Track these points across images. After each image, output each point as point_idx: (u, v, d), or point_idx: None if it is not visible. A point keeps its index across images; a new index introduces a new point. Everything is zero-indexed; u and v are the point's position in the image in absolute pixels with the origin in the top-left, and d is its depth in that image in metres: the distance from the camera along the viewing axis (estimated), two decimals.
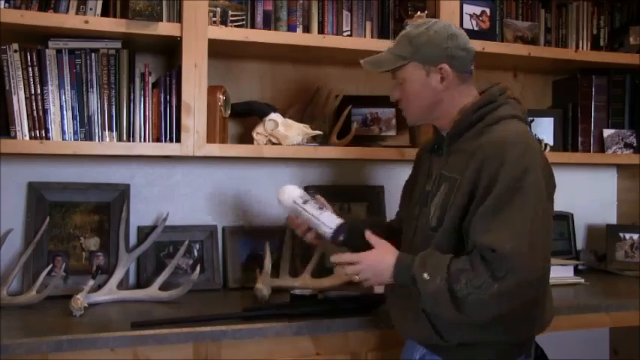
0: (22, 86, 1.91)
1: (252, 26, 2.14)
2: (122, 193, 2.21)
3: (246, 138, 2.27)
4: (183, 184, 2.32)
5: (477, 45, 2.31)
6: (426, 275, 1.49)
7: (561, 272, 2.39)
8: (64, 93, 1.95)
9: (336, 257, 1.67)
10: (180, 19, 2.00)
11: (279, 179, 2.41)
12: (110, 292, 2.02)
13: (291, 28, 2.18)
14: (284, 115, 2.20)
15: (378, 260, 1.61)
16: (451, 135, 1.64)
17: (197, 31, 1.99)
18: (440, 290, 1.48)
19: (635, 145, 2.61)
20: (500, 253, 1.44)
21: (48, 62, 1.93)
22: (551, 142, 2.57)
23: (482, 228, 1.49)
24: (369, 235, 1.65)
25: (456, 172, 1.59)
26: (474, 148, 1.56)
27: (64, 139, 1.94)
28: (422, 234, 1.64)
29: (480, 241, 1.48)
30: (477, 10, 2.38)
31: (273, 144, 2.13)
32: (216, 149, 2.04)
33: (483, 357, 1.60)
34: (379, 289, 1.86)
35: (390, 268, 1.58)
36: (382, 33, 2.27)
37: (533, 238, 1.47)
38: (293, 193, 1.78)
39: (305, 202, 1.76)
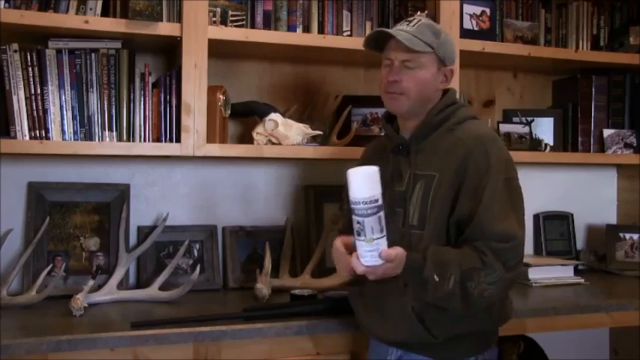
0: (22, 86, 1.91)
1: (252, 26, 2.14)
2: (122, 193, 2.21)
3: (246, 138, 2.26)
4: (183, 184, 2.32)
5: (477, 45, 2.34)
6: (437, 277, 1.48)
7: (561, 272, 2.39)
8: (64, 93, 1.95)
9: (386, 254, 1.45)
10: (180, 19, 2.00)
11: (279, 179, 2.41)
12: (110, 292, 2.01)
13: (291, 28, 2.18)
14: (284, 115, 2.20)
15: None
16: (418, 135, 1.66)
17: (197, 31, 1.99)
18: (453, 292, 1.49)
19: (635, 145, 2.61)
20: (516, 241, 1.52)
21: (48, 62, 1.93)
22: (551, 142, 2.57)
23: (492, 217, 1.52)
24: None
25: (431, 170, 1.61)
26: (449, 144, 1.61)
27: (64, 139, 1.94)
28: (401, 234, 1.61)
29: (493, 229, 1.51)
30: (477, 10, 2.38)
31: (273, 144, 2.13)
32: (216, 149, 2.04)
33: (464, 348, 1.62)
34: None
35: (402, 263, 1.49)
36: None
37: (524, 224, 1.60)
38: (364, 187, 1.38)
39: (374, 209, 1.39)
